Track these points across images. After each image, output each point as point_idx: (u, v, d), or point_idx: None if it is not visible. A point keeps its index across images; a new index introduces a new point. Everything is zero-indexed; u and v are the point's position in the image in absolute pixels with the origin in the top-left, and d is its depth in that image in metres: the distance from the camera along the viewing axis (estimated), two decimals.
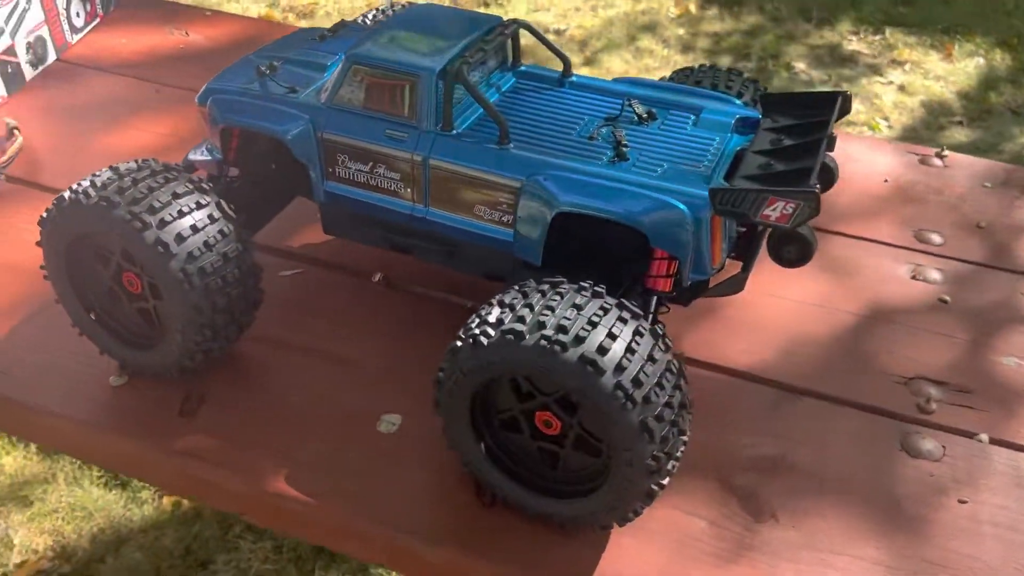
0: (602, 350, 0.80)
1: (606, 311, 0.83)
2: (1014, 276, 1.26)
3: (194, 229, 0.95)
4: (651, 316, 0.97)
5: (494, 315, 0.84)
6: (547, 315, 0.82)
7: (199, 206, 0.97)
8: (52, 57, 1.63)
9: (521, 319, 0.82)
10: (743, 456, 1.00)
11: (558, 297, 0.84)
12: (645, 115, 1.04)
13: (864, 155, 1.50)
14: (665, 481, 0.85)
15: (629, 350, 0.81)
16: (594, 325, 0.81)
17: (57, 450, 1.17)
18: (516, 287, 0.87)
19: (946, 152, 1.50)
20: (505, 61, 1.12)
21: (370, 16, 1.27)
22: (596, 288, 0.85)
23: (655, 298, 0.97)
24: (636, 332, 0.82)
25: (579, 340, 0.80)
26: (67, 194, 0.97)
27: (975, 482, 0.98)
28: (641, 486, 0.83)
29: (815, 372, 1.10)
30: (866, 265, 1.28)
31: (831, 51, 3.74)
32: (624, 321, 0.83)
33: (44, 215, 0.99)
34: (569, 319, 0.81)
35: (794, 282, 1.24)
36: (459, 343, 0.85)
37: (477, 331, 0.84)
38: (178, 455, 0.99)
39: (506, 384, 0.88)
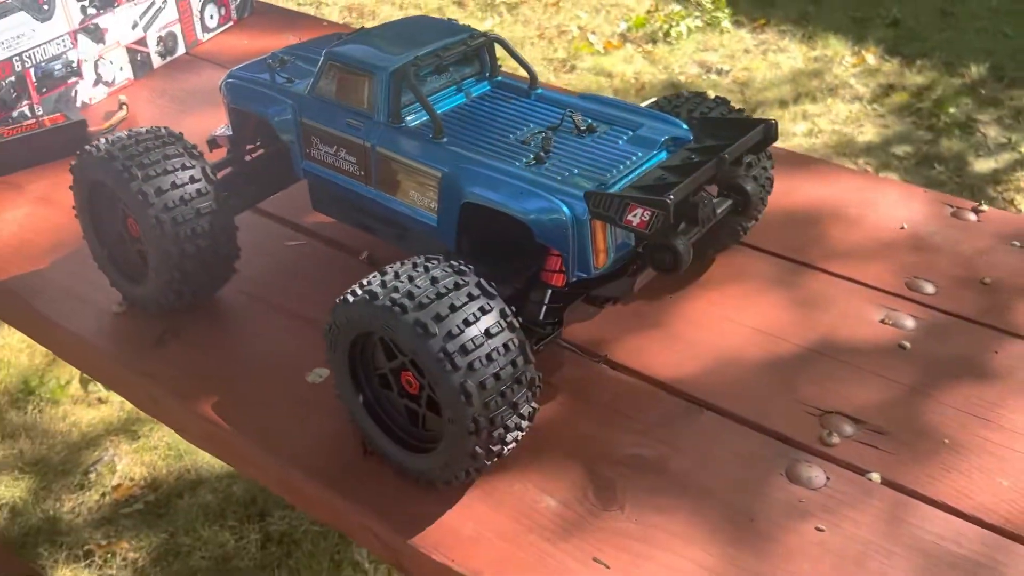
0: (438, 317, 0.89)
1: (459, 287, 0.92)
2: (993, 333, 1.21)
3: (173, 185, 1.13)
4: (543, 307, 1.05)
5: (368, 278, 0.96)
6: (403, 283, 0.92)
7: (184, 167, 1.15)
8: (181, 51, 1.90)
9: (383, 283, 0.93)
10: (620, 453, 1.05)
11: (423, 270, 0.94)
12: (584, 127, 1.12)
13: (893, 200, 1.47)
14: (495, 448, 0.92)
15: (465, 322, 0.89)
16: (440, 296, 0.90)
17: (67, 362, 1.38)
18: (403, 260, 0.98)
19: (984, 207, 1.45)
20: (483, 70, 1.23)
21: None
22: (461, 267, 0.94)
23: (549, 291, 1.05)
24: (481, 309, 0.91)
25: (420, 306, 0.90)
26: (87, 147, 1.17)
27: (842, 514, 0.98)
28: (465, 447, 0.91)
29: (730, 391, 1.12)
30: (840, 304, 1.27)
31: (1018, 113, 3.53)
32: (472, 297, 0.91)
33: (72, 163, 1.20)
34: (419, 288, 0.91)
35: (757, 310, 1.26)
36: (338, 300, 0.97)
37: (349, 289, 0.95)
38: (142, 375, 1.17)
39: (379, 343, 0.98)
